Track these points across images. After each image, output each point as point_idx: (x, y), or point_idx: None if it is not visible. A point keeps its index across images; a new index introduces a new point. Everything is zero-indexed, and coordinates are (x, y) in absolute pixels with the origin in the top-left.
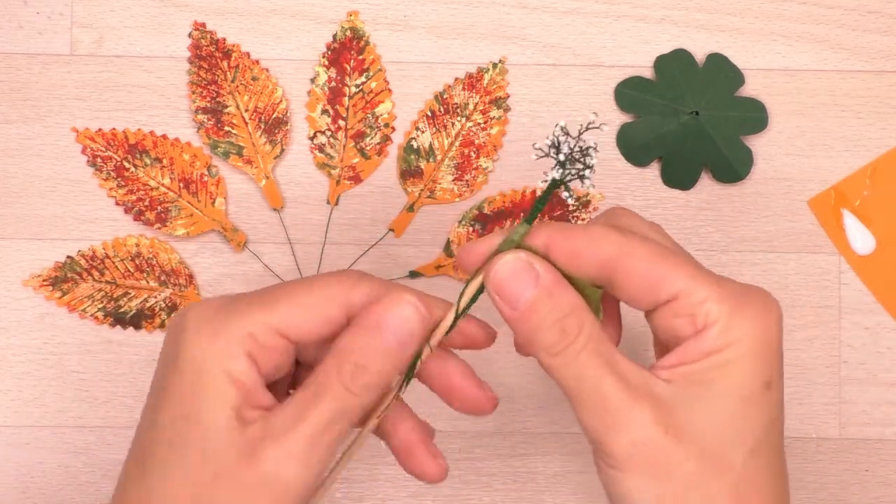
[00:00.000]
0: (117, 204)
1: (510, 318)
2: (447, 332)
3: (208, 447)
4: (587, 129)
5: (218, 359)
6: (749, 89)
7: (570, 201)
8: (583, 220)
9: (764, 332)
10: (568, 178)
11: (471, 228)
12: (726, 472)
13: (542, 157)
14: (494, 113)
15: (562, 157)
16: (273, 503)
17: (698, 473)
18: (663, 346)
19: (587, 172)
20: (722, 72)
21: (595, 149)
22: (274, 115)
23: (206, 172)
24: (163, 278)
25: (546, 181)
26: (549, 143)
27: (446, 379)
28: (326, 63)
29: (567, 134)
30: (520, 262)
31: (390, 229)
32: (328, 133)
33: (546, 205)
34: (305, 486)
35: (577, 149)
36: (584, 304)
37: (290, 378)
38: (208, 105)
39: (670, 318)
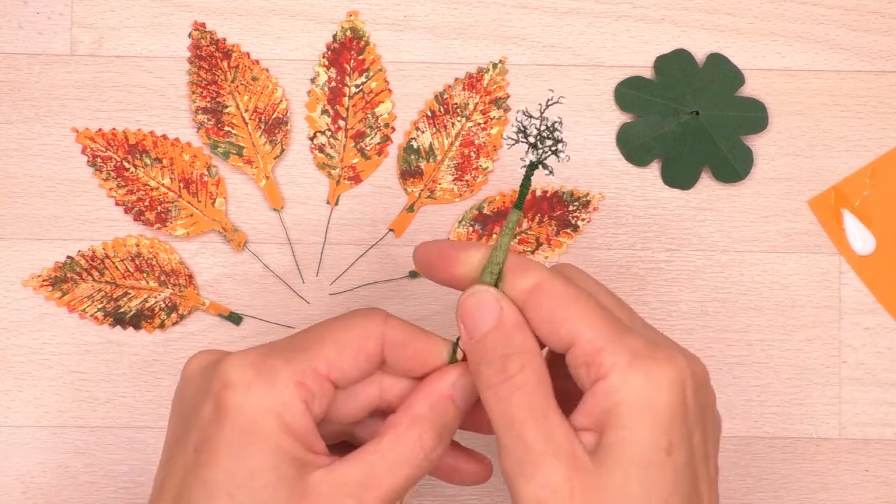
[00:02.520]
0: (117, 204)
1: (466, 347)
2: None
3: (272, 498)
4: (547, 106)
5: (273, 411)
6: (749, 89)
7: (552, 176)
8: (583, 220)
9: (658, 392)
10: (543, 157)
11: (471, 228)
12: None
13: (514, 144)
14: (494, 113)
15: (531, 140)
16: None
17: None
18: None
19: (560, 146)
20: (722, 72)
21: (560, 123)
22: (274, 116)
23: (206, 172)
24: (163, 278)
25: (524, 165)
26: (515, 129)
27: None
28: (326, 63)
29: (531, 116)
30: (487, 295)
31: (390, 229)
32: (328, 133)
33: (529, 189)
34: None
35: (543, 128)
36: (538, 352)
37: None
38: (208, 105)
39: (574, 367)
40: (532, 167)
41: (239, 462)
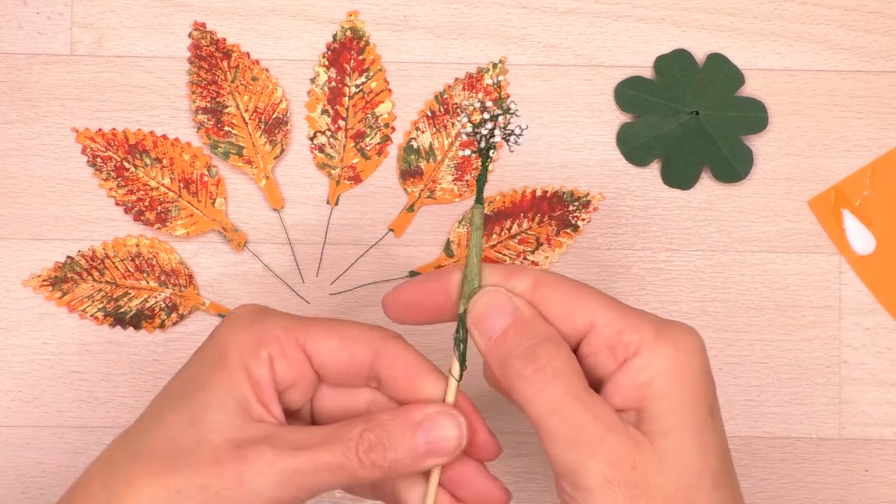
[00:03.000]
0: (117, 204)
1: (484, 349)
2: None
3: (201, 417)
4: (495, 87)
5: (239, 350)
6: (749, 89)
7: (517, 145)
8: (583, 220)
9: (689, 358)
10: (493, 141)
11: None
12: None
13: (472, 137)
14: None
15: (483, 131)
16: (236, 500)
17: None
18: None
19: (513, 130)
20: (722, 72)
21: (510, 109)
22: (274, 115)
23: (206, 172)
24: (163, 278)
25: (477, 150)
26: (469, 130)
27: (456, 473)
28: (326, 63)
29: (484, 109)
30: (498, 294)
31: (390, 229)
32: (328, 133)
33: (486, 181)
34: (263, 498)
35: (491, 114)
36: (560, 339)
37: (305, 422)
38: (208, 105)
39: (593, 354)
40: (484, 155)
41: (195, 379)
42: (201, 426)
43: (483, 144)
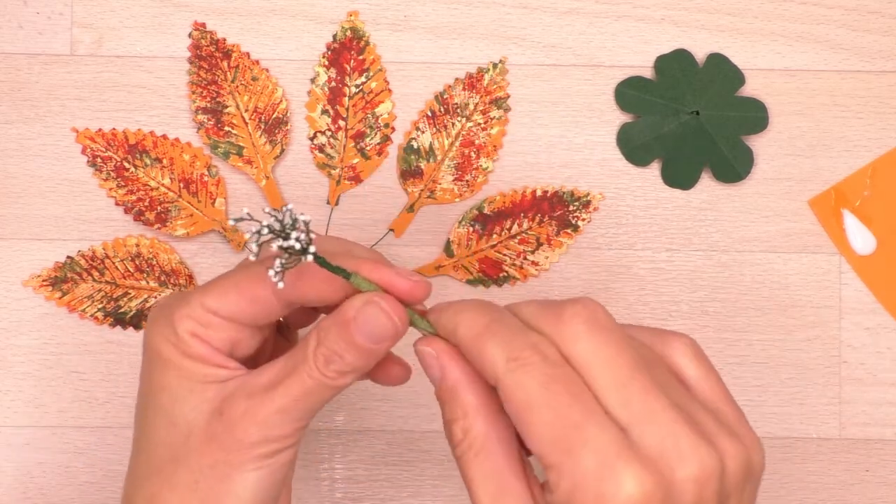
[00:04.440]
0: (117, 204)
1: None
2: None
3: (177, 413)
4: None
5: (169, 341)
6: (749, 89)
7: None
8: (583, 220)
9: None
10: (291, 252)
11: (471, 228)
12: None
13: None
14: (494, 113)
15: (283, 233)
16: (238, 455)
17: None
18: None
19: (303, 244)
20: (722, 72)
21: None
22: (274, 116)
23: (206, 172)
24: (163, 278)
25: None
26: (257, 247)
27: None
28: (326, 63)
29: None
30: (426, 354)
31: (390, 229)
32: (328, 133)
33: (331, 267)
34: (267, 442)
35: (285, 222)
36: (481, 412)
37: (271, 346)
38: (208, 105)
39: None
40: (304, 251)
41: (148, 385)
42: (181, 421)
43: (293, 252)
